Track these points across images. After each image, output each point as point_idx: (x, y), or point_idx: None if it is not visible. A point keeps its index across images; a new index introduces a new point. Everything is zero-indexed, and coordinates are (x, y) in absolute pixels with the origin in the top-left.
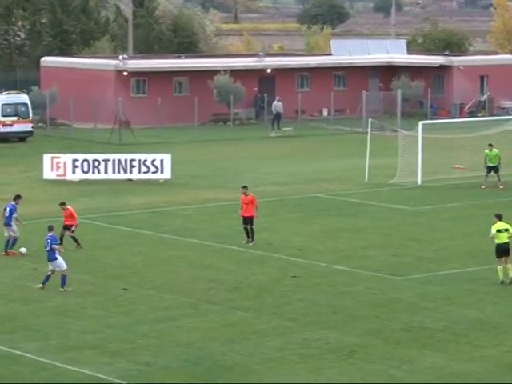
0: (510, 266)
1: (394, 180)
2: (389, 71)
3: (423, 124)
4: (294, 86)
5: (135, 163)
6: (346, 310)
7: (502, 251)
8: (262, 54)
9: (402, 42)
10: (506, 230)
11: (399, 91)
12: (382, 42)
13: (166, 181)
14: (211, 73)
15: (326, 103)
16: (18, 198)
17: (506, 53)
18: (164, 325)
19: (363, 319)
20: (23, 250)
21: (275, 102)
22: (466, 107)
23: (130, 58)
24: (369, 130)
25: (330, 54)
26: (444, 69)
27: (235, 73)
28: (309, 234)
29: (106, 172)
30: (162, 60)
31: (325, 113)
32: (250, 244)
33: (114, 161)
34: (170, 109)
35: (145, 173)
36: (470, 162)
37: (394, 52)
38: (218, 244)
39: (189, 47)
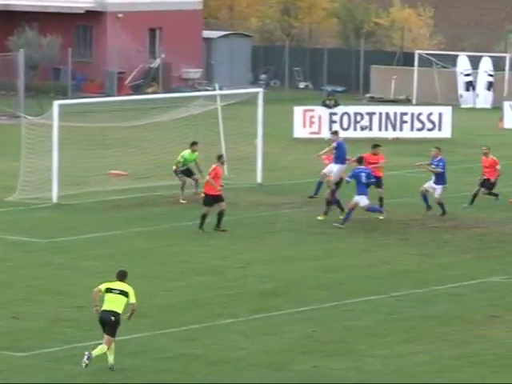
0: (105, 347)
1: (13, 196)
2: (4, 20)
3: (61, 105)
4: None
5: None
6: None
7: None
8: None
9: None
10: (123, 292)
11: (22, 52)
12: None
13: None
14: None
15: None
16: None
17: None
18: None
19: None
20: None
21: None
22: (129, 78)
23: None
24: None
25: None
26: (93, 17)
27: None
28: None
29: None
30: None
31: None
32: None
33: None
34: None
35: None
36: (138, 165)
37: None
38: None
39: None
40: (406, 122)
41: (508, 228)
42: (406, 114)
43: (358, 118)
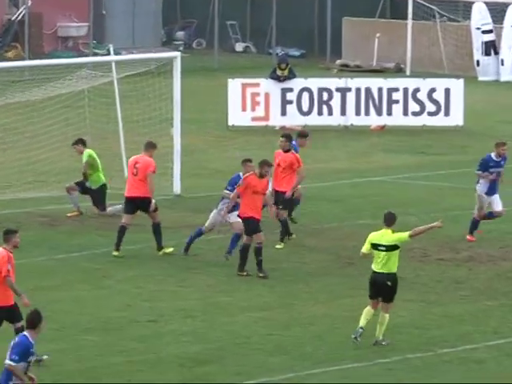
0: (386, 316)
1: None
2: None
3: None
4: None
5: None
6: None
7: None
8: None
9: None
10: (391, 247)
11: None
12: None
13: None
14: None
15: None
16: None
17: None
18: None
19: None
20: None
21: None
22: None
23: None
24: None
25: None
26: None
27: None
28: None
29: None
30: None
31: None
32: None
33: None
34: None
35: None
36: None
37: None
38: None
39: None
40: (396, 101)
41: None
42: (396, 90)
43: (325, 96)
